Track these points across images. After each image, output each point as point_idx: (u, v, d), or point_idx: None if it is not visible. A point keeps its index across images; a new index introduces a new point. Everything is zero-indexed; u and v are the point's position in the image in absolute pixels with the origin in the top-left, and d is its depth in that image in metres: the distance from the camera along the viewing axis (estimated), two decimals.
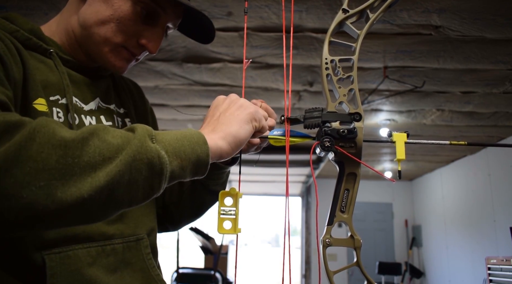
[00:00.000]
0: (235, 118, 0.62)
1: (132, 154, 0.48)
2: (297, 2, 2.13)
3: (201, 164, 0.55)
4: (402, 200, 7.39)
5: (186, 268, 4.92)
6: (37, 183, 0.42)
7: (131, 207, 0.51)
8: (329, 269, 0.62)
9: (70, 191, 0.43)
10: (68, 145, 0.44)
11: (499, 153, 4.54)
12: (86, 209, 0.46)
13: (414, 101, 3.47)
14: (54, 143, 0.44)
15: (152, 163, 0.49)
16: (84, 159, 0.45)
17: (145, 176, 0.49)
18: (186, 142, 0.54)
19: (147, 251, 0.76)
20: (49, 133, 0.44)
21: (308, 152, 0.66)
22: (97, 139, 0.47)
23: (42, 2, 2.15)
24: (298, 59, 2.74)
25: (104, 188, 0.45)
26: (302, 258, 7.66)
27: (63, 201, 0.43)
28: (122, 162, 0.47)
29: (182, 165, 0.53)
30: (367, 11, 0.70)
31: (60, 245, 0.63)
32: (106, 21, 0.69)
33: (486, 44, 2.48)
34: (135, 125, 0.52)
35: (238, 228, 0.62)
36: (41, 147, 0.43)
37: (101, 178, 0.45)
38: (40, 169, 0.42)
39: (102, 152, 0.46)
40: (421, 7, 2.14)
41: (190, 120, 4.14)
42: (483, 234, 4.83)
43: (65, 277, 0.62)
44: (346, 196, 0.65)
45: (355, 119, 0.65)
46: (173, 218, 0.92)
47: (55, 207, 0.43)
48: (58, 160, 0.43)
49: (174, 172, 0.52)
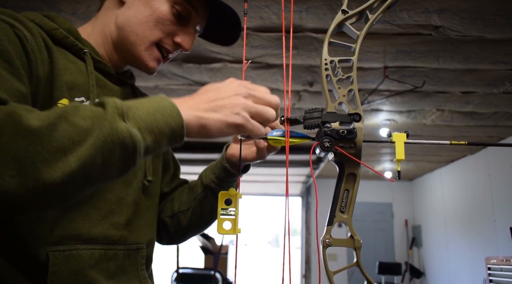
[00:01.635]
0: (221, 110, 0.58)
1: (102, 137, 0.47)
2: (297, 2, 2.13)
3: (176, 135, 0.54)
4: (402, 200, 7.39)
5: (186, 268, 4.92)
6: (9, 172, 0.43)
7: (108, 182, 0.51)
8: (329, 269, 0.62)
9: (42, 177, 0.44)
10: (36, 132, 0.44)
11: (499, 153, 4.54)
12: (60, 192, 0.46)
13: (414, 101, 3.47)
14: (22, 132, 0.44)
15: (124, 142, 0.48)
16: (53, 144, 0.45)
17: (118, 156, 0.49)
18: (159, 115, 0.53)
19: (142, 262, 0.77)
20: (15, 123, 0.44)
21: (308, 152, 0.67)
22: (66, 123, 0.46)
23: (42, 2, 2.15)
24: (298, 59, 2.75)
25: (76, 172, 0.46)
26: (302, 258, 7.66)
27: (36, 188, 0.44)
28: (92, 146, 0.46)
29: (156, 139, 0.52)
30: (367, 12, 0.70)
31: (65, 243, 0.64)
32: (145, 20, 0.74)
33: (486, 44, 2.48)
34: (105, 100, 0.51)
35: (238, 228, 0.62)
36: (9, 138, 0.43)
37: (72, 163, 0.45)
38: (10, 159, 0.43)
39: (72, 136, 0.46)
40: (421, 7, 2.14)
41: None
42: (483, 234, 4.83)
43: (66, 276, 0.63)
44: (346, 196, 0.65)
45: (354, 120, 0.65)
46: (180, 227, 0.91)
47: (30, 194, 0.44)
48: (27, 149, 0.43)
49: (149, 147, 0.52)
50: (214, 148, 4.75)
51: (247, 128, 0.59)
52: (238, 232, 0.62)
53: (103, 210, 0.70)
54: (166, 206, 0.93)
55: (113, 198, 0.72)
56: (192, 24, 0.79)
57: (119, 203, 0.73)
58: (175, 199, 0.93)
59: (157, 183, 0.86)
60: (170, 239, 0.95)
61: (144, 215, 0.79)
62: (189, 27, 0.78)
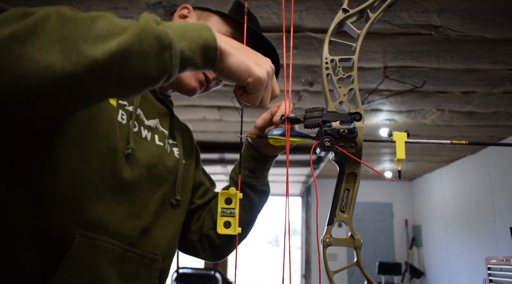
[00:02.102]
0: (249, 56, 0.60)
1: (139, 28, 0.49)
2: (297, 2, 2.13)
3: (209, 48, 0.55)
4: (402, 200, 7.38)
5: (186, 268, 4.92)
6: (54, 50, 0.45)
7: (146, 84, 0.51)
8: (329, 269, 0.62)
9: (84, 53, 0.45)
10: (78, 20, 0.48)
11: (499, 153, 4.54)
12: (100, 75, 0.47)
13: (414, 101, 3.47)
14: (66, 19, 0.47)
15: (160, 37, 0.50)
16: (93, 32, 0.47)
17: (155, 49, 0.50)
18: (192, 28, 0.55)
19: (156, 274, 0.77)
20: (60, 13, 0.47)
21: (308, 152, 0.66)
22: (105, 20, 0.49)
23: (42, 2, 2.15)
24: (298, 59, 2.74)
25: (116, 53, 0.47)
26: (302, 258, 7.65)
27: (78, 62, 0.45)
28: (130, 34, 0.48)
29: (191, 46, 0.53)
30: (367, 11, 0.70)
31: (94, 230, 0.64)
32: None
33: (486, 44, 2.48)
34: (142, 14, 0.54)
35: (238, 228, 0.62)
36: (54, 24, 0.46)
37: (113, 45, 0.47)
38: (55, 40, 0.45)
39: (110, 29, 0.48)
40: (421, 7, 2.14)
41: (190, 120, 4.14)
42: (483, 234, 4.83)
43: (83, 263, 0.62)
44: (346, 195, 0.65)
45: (355, 119, 0.65)
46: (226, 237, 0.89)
47: (72, 68, 0.45)
48: (70, 31, 0.46)
49: (184, 52, 0.53)
50: (214, 148, 4.75)
51: (262, 85, 0.61)
52: (238, 232, 0.62)
53: (127, 209, 0.70)
54: (206, 219, 0.93)
55: (137, 202, 0.72)
56: None
57: (141, 208, 0.73)
58: (214, 210, 0.92)
59: (185, 201, 0.87)
60: (217, 252, 0.94)
61: (165, 229, 0.79)
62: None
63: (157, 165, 0.78)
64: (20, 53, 0.44)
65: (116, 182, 0.69)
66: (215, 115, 3.95)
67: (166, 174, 0.80)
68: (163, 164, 0.79)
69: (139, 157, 0.73)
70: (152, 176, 0.76)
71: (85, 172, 0.65)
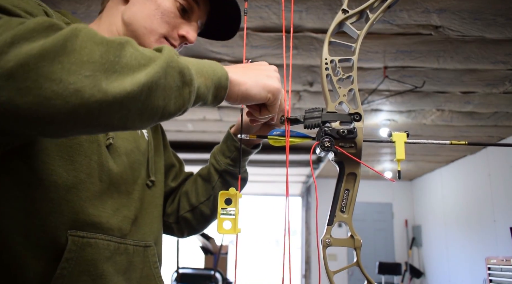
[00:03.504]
0: (258, 74, 0.64)
1: (166, 62, 0.50)
2: (297, 2, 2.13)
3: (221, 85, 0.58)
4: (402, 200, 7.38)
5: (186, 268, 4.92)
6: (83, 72, 0.43)
7: (163, 117, 0.52)
8: (329, 269, 0.62)
9: (113, 84, 0.45)
10: (109, 44, 0.47)
11: (499, 153, 4.54)
12: (126, 105, 0.46)
13: (414, 101, 3.47)
14: (96, 40, 0.46)
15: (183, 72, 0.52)
16: (123, 60, 0.47)
17: (177, 84, 0.51)
18: (207, 65, 0.58)
19: (154, 260, 0.77)
20: (90, 33, 0.46)
21: (308, 152, 0.67)
22: (132, 47, 0.49)
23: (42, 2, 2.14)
24: (298, 59, 2.74)
25: (144, 86, 0.47)
26: (302, 258, 7.65)
27: (107, 91, 0.44)
28: (157, 67, 0.49)
29: (206, 83, 0.56)
30: (367, 11, 0.70)
31: (86, 229, 0.64)
32: (152, 14, 0.77)
33: (486, 44, 2.48)
34: (161, 45, 0.55)
35: (238, 228, 0.62)
36: (84, 43, 0.45)
37: (141, 77, 0.47)
38: (85, 61, 0.44)
39: (138, 58, 0.48)
40: (421, 7, 2.14)
41: (190, 120, 4.14)
42: (483, 234, 4.83)
43: (79, 264, 0.62)
44: (346, 196, 0.65)
45: (355, 120, 0.65)
46: (203, 217, 0.92)
47: (100, 97, 0.44)
48: (101, 55, 0.45)
49: (200, 88, 0.55)
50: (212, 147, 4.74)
51: (280, 94, 0.65)
52: (238, 232, 0.62)
53: (117, 201, 0.70)
54: (182, 202, 0.94)
55: (124, 191, 0.73)
56: (195, 18, 0.81)
57: (128, 197, 0.73)
58: (190, 193, 0.93)
59: (160, 184, 0.87)
60: (192, 230, 0.96)
61: (149, 214, 0.80)
62: (192, 21, 0.81)
63: (134, 150, 0.78)
64: (48, 72, 0.42)
65: (104, 175, 0.68)
66: (215, 115, 3.96)
67: (141, 158, 0.80)
68: (138, 149, 0.80)
69: (118, 145, 0.73)
70: (132, 163, 0.76)
71: (69, 170, 0.63)
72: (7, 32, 0.42)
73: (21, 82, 0.41)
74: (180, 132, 4.54)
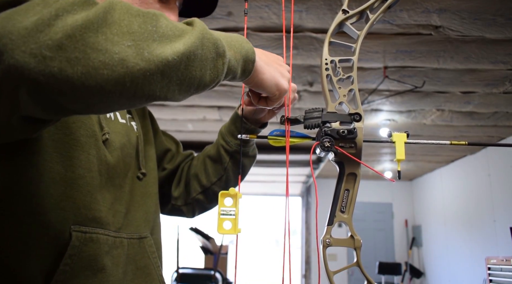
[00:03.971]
0: (276, 69, 0.67)
1: (201, 33, 0.52)
2: (297, 2, 2.13)
3: (249, 60, 0.61)
4: (402, 200, 7.38)
5: (186, 268, 4.92)
6: (125, 42, 0.45)
7: (199, 88, 0.53)
8: (329, 269, 0.62)
9: (155, 52, 0.46)
10: (145, 15, 0.48)
11: (499, 153, 4.54)
12: (168, 74, 0.48)
13: (414, 101, 3.47)
14: (133, 12, 0.47)
15: (217, 44, 0.53)
16: (160, 30, 0.48)
17: (212, 55, 0.53)
18: (234, 39, 0.60)
19: (152, 250, 0.78)
20: (125, 5, 0.47)
21: (308, 152, 0.67)
22: (165, 19, 0.50)
23: None
24: (298, 59, 2.75)
25: (183, 55, 0.48)
26: (302, 258, 7.65)
27: (150, 60, 0.46)
28: (194, 37, 0.50)
29: (236, 56, 0.58)
30: (367, 12, 0.70)
31: (88, 224, 0.64)
32: (130, 2, 0.75)
33: (486, 44, 2.48)
34: (191, 19, 0.55)
35: (238, 228, 0.62)
36: (122, 15, 0.46)
37: (180, 46, 0.48)
38: (125, 31, 0.45)
39: (173, 29, 0.49)
40: (421, 7, 2.14)
41: (190, 120, 4.14)
42: (483, 234, 4.83)
43: (81, 260, 0.63)
44: (346, 196, 0.65)
45: (355, 120, 0.65)
46: (215, 195, 0.92)
47: (144, 65, 0.45)
48: (140, 25, 0.47)
49: (231, 61, 0.57)
50: None
51: (285, 94, 0.68)
52: (238, 232, 0.62)
53: (112, 195, 0.71)
54: (193, 184, 0.94)
55: (117, 185, 0.73)
56: (173, 0, 0.80)
57: (120, 191, 0.74)
58: (200, 175, 0.94)
59: (153, 173, 0.87)
60: (203, 209, 0.98)
61: (142, 205, 0.80)
62: (170, 4, 0.80)
63: (126, 144, 0.78)
64: (94, 43, 0.43)
65: (102, 168, 0.69)
66: (215, 115, 3.95)
67: (132, 152, 0.81)
68: (130, 142, 0.80)
69: (113, 139, 0.73)
70: (124, 156, 0.77)
71: (68, 165, 0.63)
72: (49, 7, 0.43)
73: (70, 52, 0.42)
74: (180, 132, 4.54)
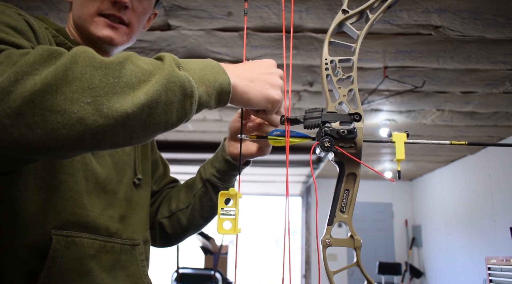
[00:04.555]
0: (263, 82, 0.64)
1: (165, 77, 0.51)
2: (297, 2, 2.13)
3: (224, 92, 0.59)
4: (402, 200, 7.38)
5: (186, 268, 4.92)
6: (84, 99, 0.45)
7: (166, 129, 0.53)
8: (329, 269, 0.62)
9: (114, 106, 0.46)
10: (108, 66, 0.48)
11: (499, 153, 4.54)
12: (129, 125, 0.48)
13: (414, 101, 3.47)
14: (95, 65, 0.47)
15: (184, 85, 0.52)
16: (123, 79, 0.48)
17: (179, 98, 0.52)
18: (209, 71, 0.58)
19: (141, 258, 0.78)
20: (89, 57, 0.47)
21: (308, 152, 0.67)
22: (131, 64, 0.50)
23: (42, 2, 2.15)
24: (298, 59, 2.75)
25: (144, 105, 0.48)
26: (302, 258, 7.65)
27: (109, 115, 0.46)
28: (157, 84, 0.50)
29: (208, 91, 0.56)
30: (367, 11, 0.70)
31: (70, 229, 0.64)
32: (79, 2, 0.76)
33: (486, 44, 2.48)
34: (162, 53, 0.56)
35: (238, 228, 0.62)
36: (84, 69, 0.46)
37: (141, 96, 0.48)
38: (86, 87, 0.45)
39: (137, 75, 0.49)
40: (421, 7, 2.14)
41: (190, 120, 4.14)
42: (483, 234, 4.83)
43: (64, 262, 0.63)
44: (346, 196, 0.65)
45: (355, 120, 0.65)
46: (180, 226, 0.91)
47: (103, 121, 0.46)
48: (101, 79, 0.46)
49: (202, 97, 0.56)
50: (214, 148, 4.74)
51: (279, 103, 0.66)
52: (238, 232, 0.62)
53: (103, 201, 0.71)
54: (163, 207, 0.93)
55: (110, 191, 0.74)
56: None
57: (113, 197, 0.74)
58: (172, 199, 0.93)
59: (148, 184, 0.88)
60: (167, 240, 0.95)
61: (138, 213, 0.81)
62: None
63: (118, 151, 0.78)
64: (52, 105, 0.44)
65: (89, 174, 0.69)
66: (215, 115, 3.96)
67: (127, 158, 0.81)
68: (123, 149, 0.80)
69: None
70: (116, 163, 0.77)
71: (51, 171, 0.64)
72: (9, 70, 0.44)
73: (29, 118, 0.43)
74: (180, 132, 4.54)
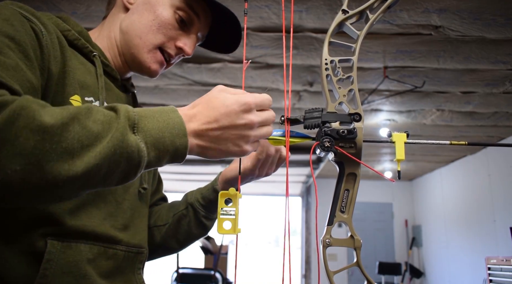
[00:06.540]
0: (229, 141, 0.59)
1: (112, 147, 0.48)
2: (297, 2, 2.13)
3: (178, 155, 0.55)
4: (402, 200, 7.38)
5: (186, 268, 4.92)
6: (12, 167, 0.42)
7: (103, 188, 0.52)
8: (329, 269, 0.62)
9: (45, 178, 0.44)
10: (47, 130, 0.44)
11: (499, 153, 4.54)
12: (58, 193, 0.46)
13: (414, 101, 3.47)
14: (33, 127, 0.43)
15: (131, 157, 0.50)
16: (62, 145, 0.44)
17: (122, 168, 0.50)
18: (168, 133, 0.53)
19: (139, 266, 0.78)
20: (29, 116, 0.43)
21: (308, 152, 0.67)
22: (78, 125, 0.46)
23: (42, 2, 2.15)
24: (298, 59, 2.75)
25: (80, 178, 0.46)
26: (302, 258, 7.65)
27: (37, 186, 0.44)
28: (100, 154, 0.47)
29: (160, 156, 0.53)
30: (367, 12, 0.70)
31: (68, 237, 0.64)
32: (149, 25, 0.77)
33: (486, 44, 2.48)
34: (118, 106, 0.52)
35: (238, 228, 0.62)
36: (19, 131, 0.42)
37: (78, 168, 0.45)
38: (17, 153, 0.42)
39: (81, 139, 0.46)
40: (421, 7, 2.14)
41: None
42: (483, 234, 4.83)
43: (60, 266, 0.63)
44: (346, 196, 0.65)
45: (355, 120, 0.65)
46: (151, 242, 0.90)
47: (29, 192, 0.44)
48: (35, 145, 0.43)
49: (151, 162, 0.53)
50: None
51: (242, 155, 0.61)
52: (238, 232, 0.62)
53: (103, 211, 0.71)
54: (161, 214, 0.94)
55: (112, 201, 0.73)
56: (194, 30, 0.81)
57: (116, 207, 0.74)
58: (152, 214, 0.93)
59: (149, 193, 0.88)
60: None
61: (140, 222, 0.81)
62: (191, 33, 0.80)
63: None
64: None
65: None
66: None
67: None
68: None
69: None
70: None
71: None
72: None
73: None
74: None
